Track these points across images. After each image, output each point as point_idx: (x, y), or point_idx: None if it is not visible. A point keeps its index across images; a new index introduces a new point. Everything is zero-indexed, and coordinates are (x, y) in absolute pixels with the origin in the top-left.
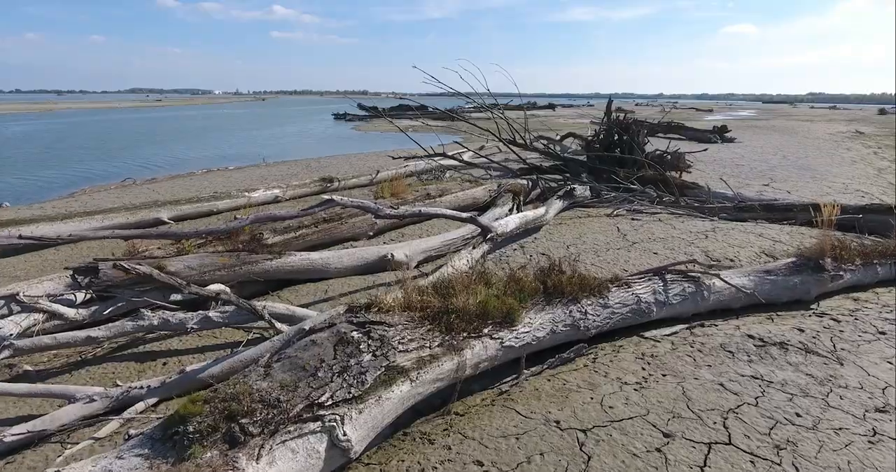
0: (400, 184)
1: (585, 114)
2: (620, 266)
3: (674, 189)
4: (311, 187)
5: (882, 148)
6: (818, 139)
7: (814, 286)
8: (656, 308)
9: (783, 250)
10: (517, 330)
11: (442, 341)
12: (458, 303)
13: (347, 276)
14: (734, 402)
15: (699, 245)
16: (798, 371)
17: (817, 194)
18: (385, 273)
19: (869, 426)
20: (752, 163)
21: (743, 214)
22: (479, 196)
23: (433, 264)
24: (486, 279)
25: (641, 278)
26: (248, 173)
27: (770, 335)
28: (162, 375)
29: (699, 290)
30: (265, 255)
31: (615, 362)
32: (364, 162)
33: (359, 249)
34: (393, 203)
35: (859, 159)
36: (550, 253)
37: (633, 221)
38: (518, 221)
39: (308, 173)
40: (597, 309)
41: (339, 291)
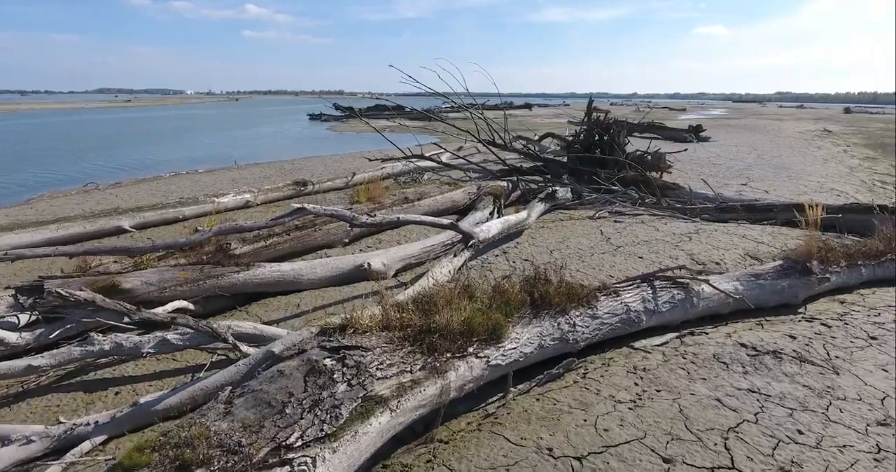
0: (377, 187)
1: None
2: (606, 272)
3: (655, 190)
4: (284, 191)
5: (851, 146)
6: (789, 138)
7: (802, 290)
8: (646, 317)
9: (767, 252)
10: (504, 347)
11: (424, 364)
12: (441, 320)
13: (322, 288)
14: (734, 420)
15: (684, 248)
16: (795, 383)
17: (794, 193)
18: (362, 284)
19: (872, 442)
20: (729, 162)
21: (724, 215)
22: (458, 199)
23: (413, 273)
24: (470, 293)
25: (630, 286)
26: (219, 177)
27: (763, 344)
28: (113, 406)
29: (688, 296)
30: (232, 267)
31: (606, 378)
32: (340, 164)
33: (333, 258)
34: (370, 208)
35: (831, 158)
36: (534, 259)
37: (616, 224)
38: (500, 227)
39: (281, 176)
40: (585, 320)
41: (312, 304)
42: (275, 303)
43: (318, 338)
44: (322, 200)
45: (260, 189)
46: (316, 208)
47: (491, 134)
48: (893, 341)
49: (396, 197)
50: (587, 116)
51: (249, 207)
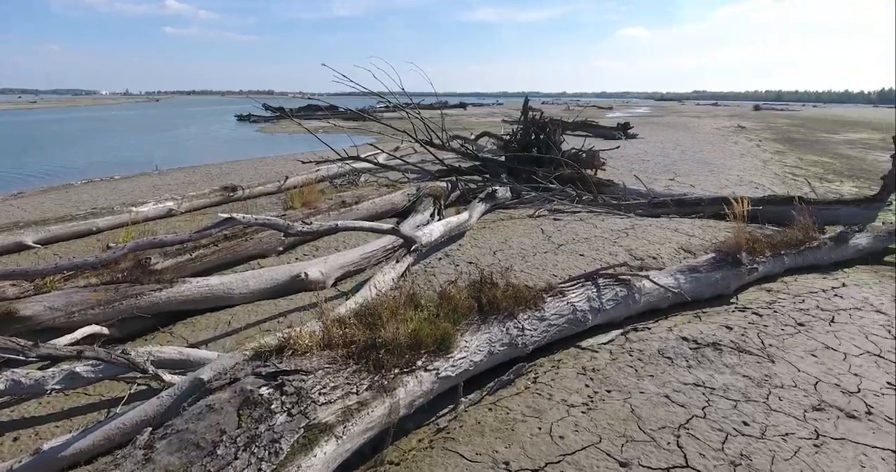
0: (312, 192)
1: (496, 112)
2: (550, 271)
3: (592, 187)
4: (212, 198)
5: (763, 141)
6: (708, 134)
7: (733, 281)
8: (592, 316)
9: (699, 245)
10: (453, 357)
11: (371, 383)
12: (387, 334)
13: (255, 301)
14: (683, 416)
15: (622, 244)
16: (735, 373)
17: (718, 187)
18: (299, 295)
19: (811, 428)
20: (656, 158)
21: (657, 210)
22: (397, 201)
23: (353, 280)
24: (416, 302)
25: (574, 285)
26: (138, 183)
27: (702, 336)
28: (11, 456)
29: (631, 293)
30: (152, 285)
31: (557, 381)
32: (271, 167)
33: (267, 269)
34: (305, 214)
35: (746, 152)
36: (478, 261)
37: (556, 222)
38: (442, 229)
39: (208, 181)
40: (534, 323)
41: (245, 320)
42: (203, 321)
43: (253, 363)
44: (253, 207)
45: (184, 196)
46: (246, 218)
47: (428, 134)
48: (819, 327)
49: (333, 201)
50: (523, 115)
51: (172, 216)
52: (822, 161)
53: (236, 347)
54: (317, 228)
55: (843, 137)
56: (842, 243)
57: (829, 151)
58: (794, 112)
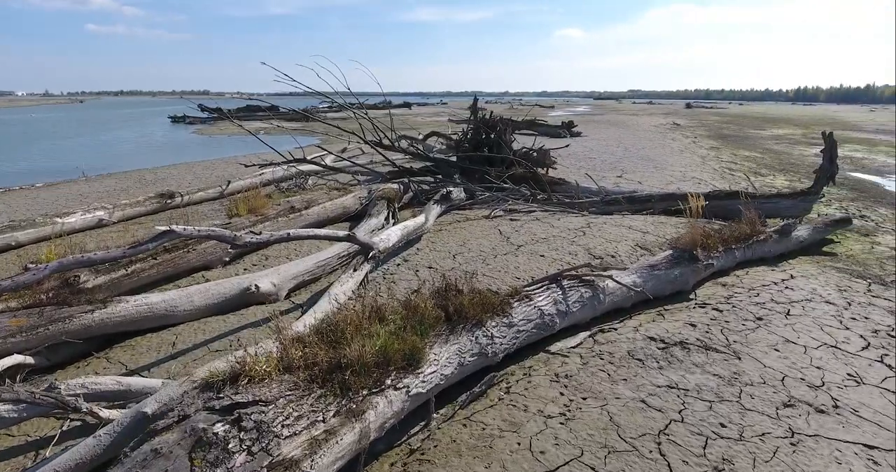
0: (258, 197)
1: (441, 112)
2: (512, 274)
3: (545, 186)
4: (146, 206)
5: (698, 138)
6: (647, 131)
7: (691, 277)
8: (559, 320)
9: (653, 241)
10: (423, 372)
11: (339, 409)
12: (353, 353)
13: (202, 318)
14: (662, 421)
15: (580, 243)
16: (706, 373)
17: (663, 183)
18: (251, 309)
19: (786, 427)
20: (602, 155)
21: (609, 208)
22: (349, 205)
23: (308, 291)
24: (381, 314)
25: (540, 288)
26: (63, 191)
27: (669, 335)
28: None
29: (595, 294)
30: (83, 306)
31: (531, 390)
32: (211, 171)
33: (214, 283)
34: (252, 221)
35: (685, 149)
36: (438, 266)
37: (513, 222)
38: (399, 234)
39: (142, 188)
40: (502, 330)
41: (191, 340)
42: (144, 343)
43: (204, 395)
44: (194, 214)
45: (116, 204)
46: (187, 230)
47: (377, 134)
48: (777, 320)
49: (281, 207)
50: (473, 114)
51: (104, 226)
52: (753, 156)
53: (183, 372)
54: (267, 238)
55: (769, 133)
56: (786, 236)
57: (758, 147)
58: (721, 109)
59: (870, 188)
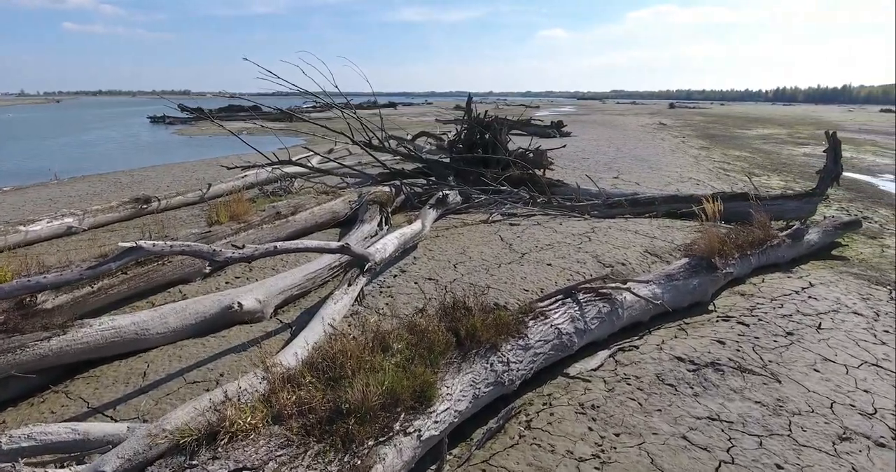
0: (241, 203)
1: (427, 112)
2: (519, 285)
3: (544, 188)
4: (120, 212)
5: (686, 137)
6: (635, 131)
7: (710, 287)
8: (578, 339)
9: (662, 247)
10: (435, 410)
11: (341, 467)
12: (355, 395)
13: (177, 341)
14: (710, 464)
15: (587, 250)
16: (746, 399)
17: (662, 184)
18: (234, 329)
19: (848, 466)
20: (595, 156)
21: (612, 211)
22: (339, 209)
23: (297, 307)
24: (384, 342)
25: (554, 303)
26: (31, 196)
27: (697, 355)
28: None
29: (614, 308)
30: (38, 332)
31: (555, 425)
32: (191, 173)
33: (191, 301)
34: (234, 229)
35: (676, 149)
36: (439, 277)
37: (513, 227)
38: (397, 243)
39: (117, 191)
40: (518, 354)
41: (165, 369)
42: (110, 373)
43: (174, 462)
44: (172, 221)
45: (86, 211)
46: (158, 246)
47: (366, 134)
48: (809, 335)
49: (266, 213)
50: (467, 113)
51: (73, 234)
52: (744, 156)
53: (155, 410)
54: (251, 253)
55: (755, 133)
56: (798, 241)
57: (747, 147)
58: (704, 109)
59: (866, 188)
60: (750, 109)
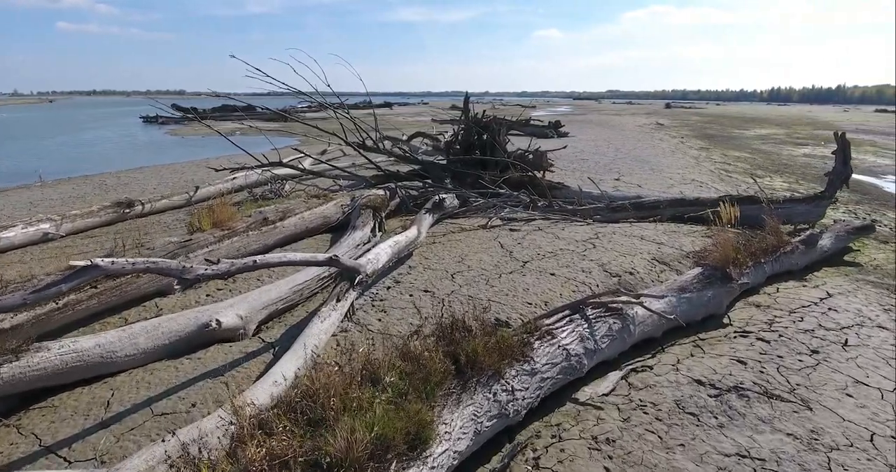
0: (225, 208)
1: (423, 112)
2: (521, 298)
3: (545, 191)
4: (101, 216)
5: (684, 138)
6: (633, 131)
7: (725, 298)
8: (587, 360)
9: (671, 254)
10: (432, 454)
11: None
12: (338, 443)
13: (148, 363)
14: None
15: (592, 258)
16: (777, 431)
17: (664, 187)
18: (211, 350)
19: None
20: (594, 157)
21: (615, 215)
22: (330, 214)
23: (282, 323)
24: (374, 373)
25: (561, 320)
26: (12, 199)
27: (717, 377)
28: None
29: (625, 325)
30: None
31: (567, 464)
32: (180, 175)
33: (164, 318)
34: (217, 237)
35: (675, 150)
36: (436, 289)
37: (513, 233)
38: (390, 252)
39: (101, 194)
40: (523, 380)
41: (131, 398)
42: (70, 402)
43: None
44: (154, 226)
45: (64, 215)
46: (117, 264)
47: (359, 135)
48: (836, 354)
49: (252, 219)
50: (464, 113)
51: (50, 240)
52: (744, 157)
53: (114, 453)
54: (226, 268)
55: (753, 133)
56: (811, 247)
57: (746, 147)
58: (700, 110)
59: (870, 190)
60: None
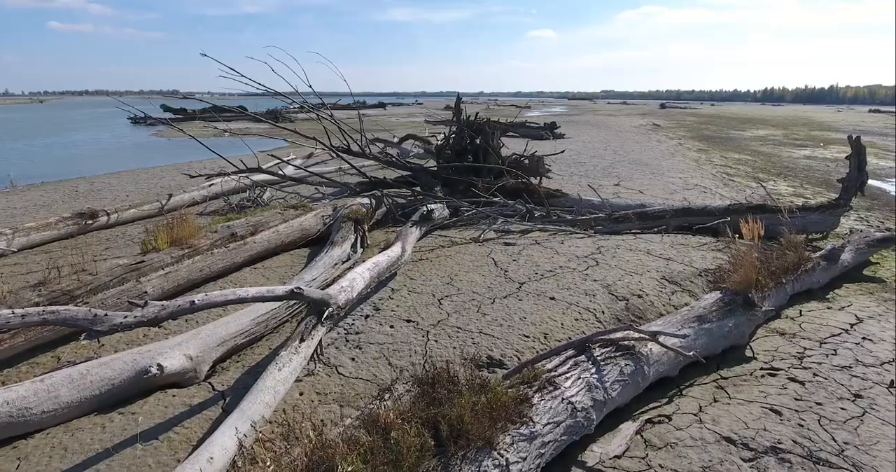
0: (186, 223)
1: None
2: (517, 329)
3: (542, 200)
4: (60, 229)
5: (682, 139)
6: (630, 132)
7: (747, 328)
8: (596, 413)
9: (681, 272)
10: None
11: None
12: None
13: (73, 419)
14: None
15: (596, 278)
16: None
17: (667, 192)
18: (150, 399)
19: None
20: (592, 160)
21: (618, 226)
22: (310, 226)
23: (240, 364)
24: (329, 463)
25: (564, 364)
26: None
27: (749, 433)
28: None
29: (639, 366)
30: None
31: None
32: (158, 180)
33: (95, 363)
34: (175, 257)
35: (674, 152)
36: (420, 318)
37: (508, 247)
38: (368, 276)
39: (69, 203)
40: (521, 448)
41: (45, 468)
42: None
43: None
44: (119, 239)
45: (17, 228)
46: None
47: (345, 139)
48: (882, 399)
49: (218, 234)
50: (456, 115)
51: (2, 256)
52: (745, 159)
53: None
54: (155, 314)
55: (750, 134)
56: (833, 263)
57: (746, 149)
58: (695, 110)
59: (879, 195)
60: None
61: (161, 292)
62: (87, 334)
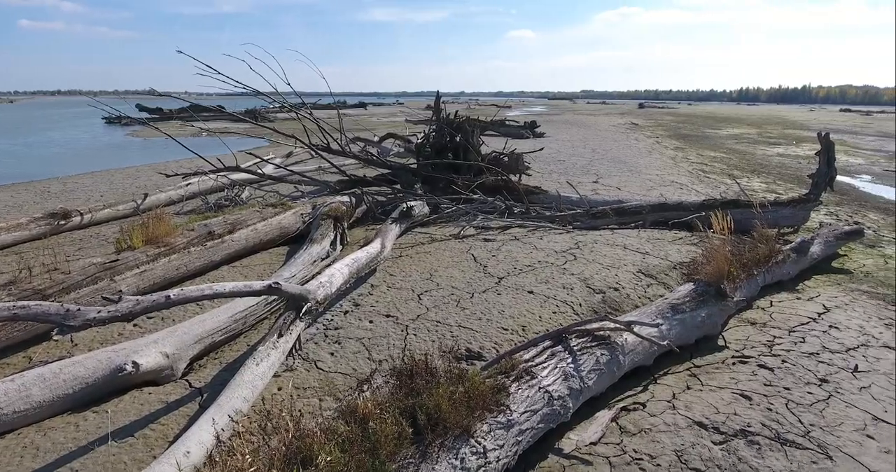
0: (161, 222)
1: (398, 112)
2: (496, 323)
3: (521, 196)
4: (31, 229)
5: (660, 138)
6: (608, 131)
7: (720, 317)
8: (573, 402)
9: (657, 266)
10: None
11: None
12: None
13: (46, 418)
14: None
15: (574, 272)
16: None
17: (644, 189)
18: (126, 398)
19: None
20: (570, 158)
21: (596, 222)
22: (288, 224)
23: (218, 361)
24: (308, 451)
25: (542, 355)
26: None
27: (720, 418)
28: None
29: (614, 356)
30: None
31: None
32: (134, 180)
33: (68, 362)
34: (151, 255)
35: (652, 150)
36: (399, 314)
37: (488, 243)
38: (347, 272)
39: (41, 203)
40: (498, 436)
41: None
42: None
43: None
44: (92, 240)
45: None
46: None
47: (325, 138)
48: (846, 383)
49: (195, 233)
50: (435, 114)
51: None
52: (720, 157)
53: None
54: (129, 309)
55: (726, 133)
56: (803, 255)
57: (721, 147)
58: (673, 109)
59: (848, 190)
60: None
61: (136, 291)
62: (59, 330)
